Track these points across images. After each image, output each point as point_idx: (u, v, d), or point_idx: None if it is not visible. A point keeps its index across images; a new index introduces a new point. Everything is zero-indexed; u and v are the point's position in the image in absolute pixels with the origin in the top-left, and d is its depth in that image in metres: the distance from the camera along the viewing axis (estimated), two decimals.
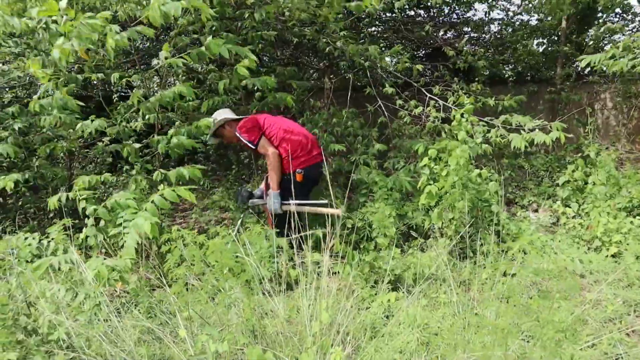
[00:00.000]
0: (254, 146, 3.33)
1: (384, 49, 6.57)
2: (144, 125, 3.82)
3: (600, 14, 6.68)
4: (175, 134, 3.39)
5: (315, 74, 6.50)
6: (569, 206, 4.14)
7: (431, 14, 7.19)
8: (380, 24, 6.76)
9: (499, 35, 7.36)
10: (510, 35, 7.08)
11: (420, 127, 4.88)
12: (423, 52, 7.20)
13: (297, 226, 2.90)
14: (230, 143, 3.71)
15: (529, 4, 6.53)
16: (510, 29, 7.23)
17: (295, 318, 2.24)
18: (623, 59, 3.65)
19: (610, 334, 2.27)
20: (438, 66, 5.83)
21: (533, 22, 7.09)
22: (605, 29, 5.85)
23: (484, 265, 2.84)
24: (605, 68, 3.79)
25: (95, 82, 6.30)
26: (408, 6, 6.63)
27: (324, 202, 3.27)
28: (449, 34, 6.99)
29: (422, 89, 4.89)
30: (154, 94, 3.45)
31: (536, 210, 4.67)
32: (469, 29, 7.29)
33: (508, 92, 5.10)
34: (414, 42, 6.67)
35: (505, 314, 2.08)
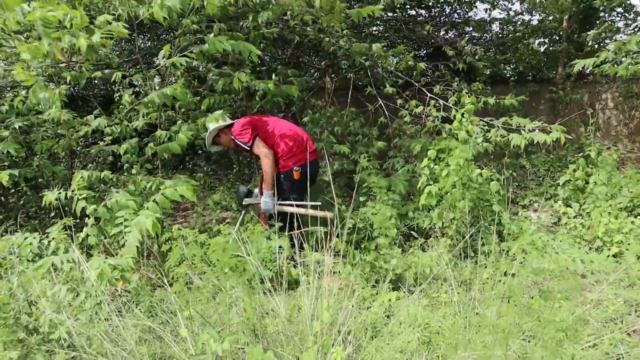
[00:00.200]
0: (248, 147, 3.35)
1: (385, 48, 6.55)
2: (145, 124, 3.82)
3: (602, 13, 6.65)
4: (175, 131, 3.39)
5: (316, 74, 6.49)
6: (570, 206, 4.14)
7: (432, 13, 7.17)
8: (381, 23, 6.75)
9: (501, 35, 7.35)
10: (511, 33, 7.06)
11: (421, 127, 4.87)
12: (424, 52, 7.18)
13: (300, 225, 2.90)
14: (229, 148, 3.74)
15: (529, 3, 6.52)
16: (511, 27, 7.21)
17: (296, 317, 2.24)
18: (623, 63, 3.66)
19: (611, 334, 2.26)
20: (439, 66, 5.82)
21: (534, 22, 7.08)
22: (604, 29, 5.84)
23: (485, 265, 2.84)
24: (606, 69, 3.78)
25: (97, 82, 6.30)
26: (409, 6, 6.62)
27: (317, 204, 3.31)
28: (450, 34, 6.98)
29: (423, 89, 4.88)
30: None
31: (537, 210, 4.66)
32: (470, 29, 7.27)
33: (509, 92, 5.08)
34: (415, 42, 6.65)
35: (506, 314, 2.08)
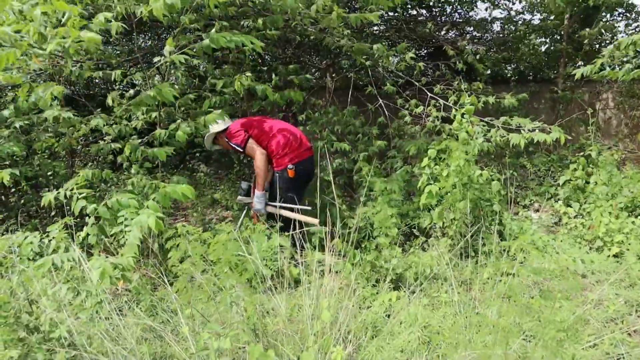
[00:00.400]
0: (241, 149, 3.41)
1: (386, 48, 6.55)
2: (145, 123, 3.81)
3: (603, 12, 6.63)
4: (175, 129, 3.39)
5: (317, 73, 6.49)
6: (570, 206, 4.13)
7: (433, 13, 7.17)
8: (382, 22, 6.74)
9: (501, 35, 7.33)
10: (512, 32, 7.05)
11: (421, 127, 4.87)
12: (425, 52, 7.18)
13: (300, 224, 2.90)
14: (228, 149, 3.80)
15: (528, 3, 6.51)
16: (512, 27, 7.19)
17: (296, 317, 2.24)
18: (624, 68, 3.67)
19: (612, 334, 2.27)
20: (440, 65, 5.82)
21: (535, 21, 7.06)
22: (601, 27, 5.82)
23: (486, 264, 2.84)
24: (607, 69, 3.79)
25: (97, 81, 6.29)
26: (410, 5, 6.62)
27: (307, 208, 3.33)
28: (450, 33, 6.97)
29: (423, 88, 4.87)
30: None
31: (538, 210, 4.66)
32: (471, 28, 7.27)
33: (510, 92, 5.08)
34: (415, 41, 6.65)
35: (506, 314, 2.08)
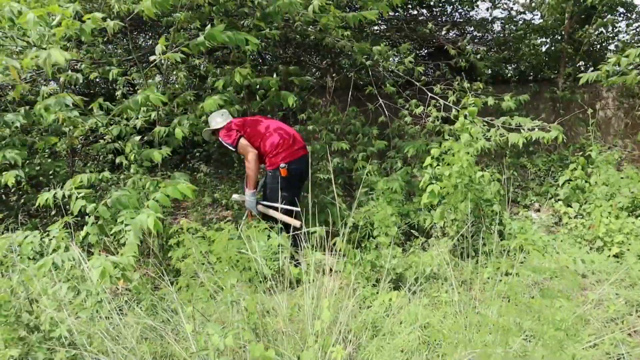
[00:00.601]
0: (233, 148, 3.42)
1: (387, 47, 6.55)
2: (145, 122, 3.82)
3: (604, 12, 6.62)
4: (175, 126, 3.39)
5: (317, 73, 6.49)
6: (570, 206, 4.13)
7: (434, 12, 7.17)
8: (382, 22, 6.74)
9: (502, 35, 7.33)
10: (513, 32, 7.04)
11: (421, 127, 4.87)
12: (425, 51, 7.18)
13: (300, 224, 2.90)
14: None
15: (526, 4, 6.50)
16: (513, 27, 7.19)
17: (296, 316, 2.24)
18: (632, 74, 3.67)
19: (612, 334, 2.26)
20: (440, 65, 5.81)
21: (536, 21, 7.05)
22: (598, 24, 5.81)
23: (486, 264, 2.84)
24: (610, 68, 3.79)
25: (98, 80, 6.29)
26: (411, 5, 6.61)
27: (293, 209, 3.33)
28: (451, 33, 6.97)
29: (424, 88, 4.87)
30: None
31: (538, 210, 4.66)
32: (472, 28, 7.27)
33: (510, 92, 5.07)
34: (416, 41, 6.65)
35: (506, 313, 2.08)
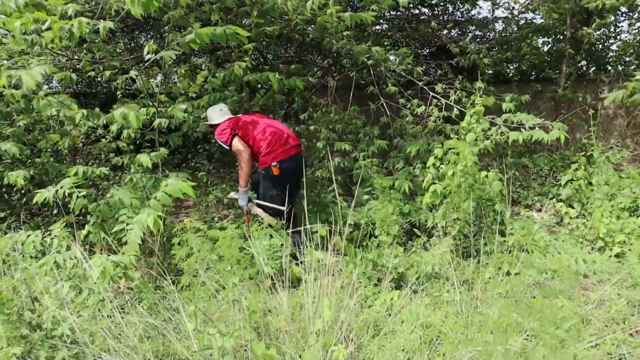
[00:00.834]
0: (227, 147, 3.41)
1: (389, 47, 6.56)
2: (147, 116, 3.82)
3: (606, 12, 6.60)
4: (175, 111, 3.37)
5: (319, 72, 6.48)
6: (571, 206, 4.12)
7: (435, 12, 7.16)
8: (384, 22, 6.74)
9: (504, 34, 7.32)
10: (514, 32, 7.03)
11: (422, 127, 4.86)
12: (427, 51, 7.17)
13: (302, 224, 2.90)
14: None
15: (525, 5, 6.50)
16: (515, 27, 7.18)
17: (298, 315, 2.25)
18: None
19: (613, 334, 2.26)
20: (442, 64, 5.81)
21: (538, 21, 7.04)
22: (598, 24, 5.80)
23: (487, 264, 2.84)
24: (610, 69, 3.76)
25: (99, 79, 6.30)
26: (412, 4, 6.61)
27: (281, 208, 3.32)
28: (453, 32, 6.96)
29: (425, 88, 4.87)
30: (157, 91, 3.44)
31: (540, 210, 4.65)
32: (473, 27, 7.26)
33: (512, 91, 5.07)
34: (418, 41, 6.64)
35: (508, 313, 2.08)
